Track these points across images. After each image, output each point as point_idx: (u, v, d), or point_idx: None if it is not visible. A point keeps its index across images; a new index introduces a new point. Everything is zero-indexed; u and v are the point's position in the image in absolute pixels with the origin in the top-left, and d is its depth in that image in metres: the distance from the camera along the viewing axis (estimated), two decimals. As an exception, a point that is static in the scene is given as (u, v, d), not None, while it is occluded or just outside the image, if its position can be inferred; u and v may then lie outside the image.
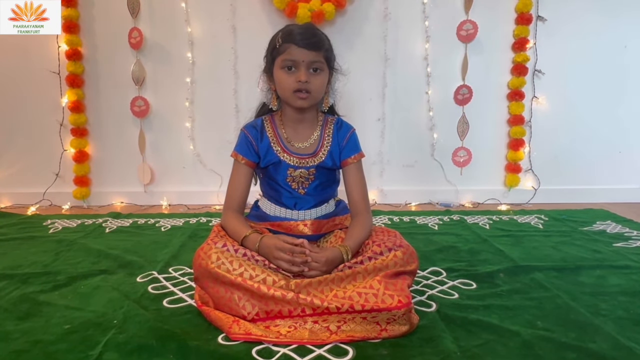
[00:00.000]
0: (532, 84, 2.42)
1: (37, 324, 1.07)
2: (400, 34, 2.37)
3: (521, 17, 2.33)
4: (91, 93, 2.38)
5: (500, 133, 2.49)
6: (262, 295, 1.01)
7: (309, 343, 0.97)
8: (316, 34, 1.20)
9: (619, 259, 1.53)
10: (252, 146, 1.26)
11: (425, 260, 1.48)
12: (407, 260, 1.11)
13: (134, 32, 2.30)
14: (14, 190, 2.43)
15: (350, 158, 1.28)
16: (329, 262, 1.09)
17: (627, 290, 1.27)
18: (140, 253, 1.60)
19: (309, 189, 1.27)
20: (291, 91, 1.19)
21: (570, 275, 1.39)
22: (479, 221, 2.05)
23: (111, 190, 2.47)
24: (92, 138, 2.43)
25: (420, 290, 1.26)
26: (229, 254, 1.10)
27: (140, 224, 2.03)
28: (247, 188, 1.29)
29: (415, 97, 2.43)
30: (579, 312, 1.14)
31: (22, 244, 1.72)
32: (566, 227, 1.96)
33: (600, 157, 2.52)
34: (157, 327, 1.04)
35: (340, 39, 2.28)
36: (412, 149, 2.49)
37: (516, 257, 1.55)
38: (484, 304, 1.18)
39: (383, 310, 0.97)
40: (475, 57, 2.38)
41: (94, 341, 0.99)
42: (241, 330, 0.99)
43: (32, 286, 1.30)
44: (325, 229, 1.30)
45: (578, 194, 2.51)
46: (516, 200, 2.49)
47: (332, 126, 1.31)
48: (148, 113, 2.39)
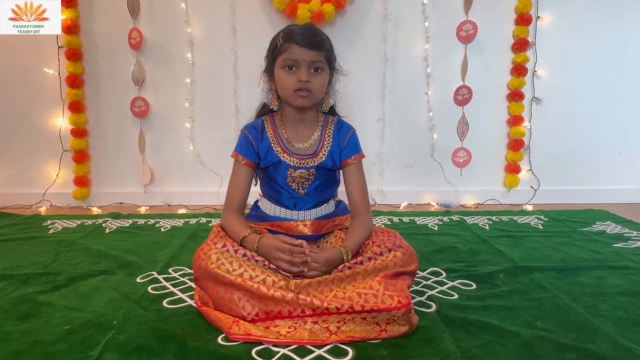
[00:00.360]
0: (532, 85, 2.42)
1: (37, 325, 1.07)
2: (400, 35, 2.37)
3: (521, 18, 2.33)
4: (91, 93, 2.38)
5: (500, 133, 2.49)
6: (262, 296, 1.01)
7: (308, 343, 0.97)
8: (317, 33, 1.20)
9: (619, 260, 1.54)
10: (252, 146, 1.26)
11: (425, 261, 1.48)
12: (407, 261, 1.11)
13: (134, 32, 2.30)
14: (14, 190, 2.43)
15: (351, 158, 1.29)
16: (329, 263, 1.09)
17: (627, 291, 1.28)
18: (140, 253, 1.60)
19: (309, 190, 1.27)
20: (292, 90, 1.19)
21: (570, 275, 1.39)
22: (478, 222, 2.05)
23: (111, 190, 2.47)
24: (92, 138, 2.43)
25: (420, 291, 1.26)
26: (228, 254, 1.09)
27: (140, 224, 2.03)
28: (247, 188, 1.29)
29: (415, 97, 2.43)
30: (578, 312, 1.14)
31: (21, 244, 1.72)
32: (566, 227, 1.96)
33: (600, 157, 2.53)
34: (157, 327, 1.04)
35: (340, 40, 2.27)
36: (412, 150, 2.49)
37: (516, 257, 1.55)
38: (483, 304, 1.18)
39: (383, 310, 0.97)
40: (475, 57, 2.38)
41: (94, 342, 0.99)
42: (241, 330, 0.99)
43: (32, 287, 1.30)
44: (325, 230, 1.30)
45: (578, 194, 2.52)
46: (516, 200, 2.49)
47: (332, 127, 1.31)
48: (148, 113, 2.39)
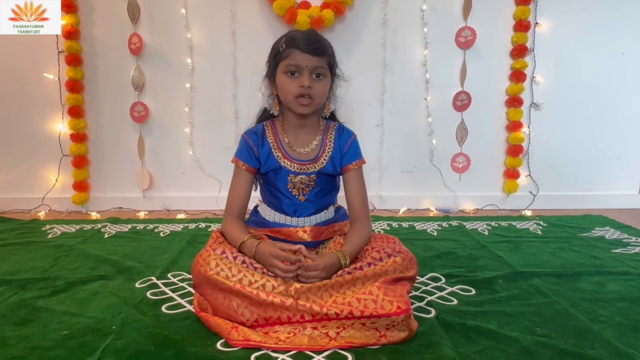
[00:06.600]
0: (531, 91, 2.43)
1: (35, 330, 1.07)
2: (399, 41, 2.38)
3: (519, 24, 2.34)
4: (91, 98, 2.39)
5: (498, 139, 2.50)
6: (260, 302, 1.01)
7: (308, 349, 0.97)
8: (319, 39, 1.21)
9: (618, 265, 1.54)
10: (252, 152, 1.26)
11: (424, 266, 1.48)
12: (406, 266, 1.11)
13: (134, 37, 2.30)
14: (13, 195, 2.43)
15: (351, 164, 1.29)
16: (328, 268, 1.09)
17: (626, 297, 1.28)
18: (139, 258, 1.60)
19: (309, 196, 1.27)
20: (294, 96, 1.19)
21: (569, 281, 1.39)
22: (477, 227, 2.05)
23: (110, 195, 2.47)
24: (92, 143, 2.43)
25: (420, 296, 1.26)
26: (227, 260, 1.09)
27: (139, 229, 2.03)
28: (247, 194, 1.29)
29: (414, 103, 2.44)
30: (577, 318, 1.14)
31: (20, 249, 1.72)
32: (565, 233, 1.97)
33: (599, 163, 2.54)
34: (156, 333, 1.04)
35: (340, 46, 2.25)
36: (411, 155, 2.49)
37: (515, 263, 1.55)
38: (483, 310, 1.18)
39: (382, 316, 0.97)
40: (474, 63, 2.39)
41: (92, 347, 0.99)
42: (240, 336, 0.99)
43: (31, 292, 1.29)
44: (325, 236, 1.30)
45: (576, 200, 2.52)
46: (515, 206, 2.50)
47: (333, 132, 1.31)
48: (147, 118, 2.39)
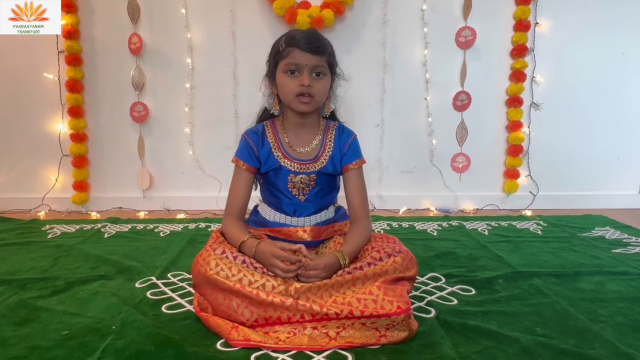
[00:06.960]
0: (531, 91, 2.43)
1: (34, 330, 1.07)
2: (399, 40, 2.38)
3: (519, 24, 2.34)
4: (91, 98, 2.39)
5: (498, 139, 2.49)
6: (260, 302, 1.01)
7: (308, 349, 0.97)
8: (320, 38, 1.21)
9: (618, 265, 1.54)
10: (252, 152, 1.26)
11: (424, 266, 1.48)
12: (406, 266, 1.11)
13: (134, 37, 2.30)
14: (13, 195, 2.43)
15: (352, 164, 1.29)
16: (328, 268, 1.09)
17: (626, 297, 1.28)
18: (139, 258, 1.60)
19: (310, 196, 1.27)
20: (294, 95, 1.19)
21: (569, 281, 1.39)
22: (477, 227, 2.05)
23: (110, 195, 2.47)
24: (92, 143, 2.43)
25: (420, 296, 1.26)
26: (227, 260, 1.09)
27: (139, 229, 2.03)
28: (247, 194, 1.29)
29: (414, 103, 2.44)
30: (578, 318, 1.14)
31: (20, 249, 1.72)
32: (565, 233, 1.97)
33: (599, 163, 2.53)
34: (156, 333, 1.04)
35: (340, 45, 2.25)
36: (411, 155, 2.49)
37: (515, 263, 1.55)
38: (483, 310, 1.18)
39: (382, 316, 0.97)
40: (474, 63, 2.39)
41: (92, 347, 0.99)
42: (240, 336, 0.99)
43: (30, 291, 1.29)
44: (325, 235, 1.30)
45: (576, 200, 2.52)
46: (515, 206, 2.50)
47: (334, 131, 1.31)
48: (147, 118, 2.39)
